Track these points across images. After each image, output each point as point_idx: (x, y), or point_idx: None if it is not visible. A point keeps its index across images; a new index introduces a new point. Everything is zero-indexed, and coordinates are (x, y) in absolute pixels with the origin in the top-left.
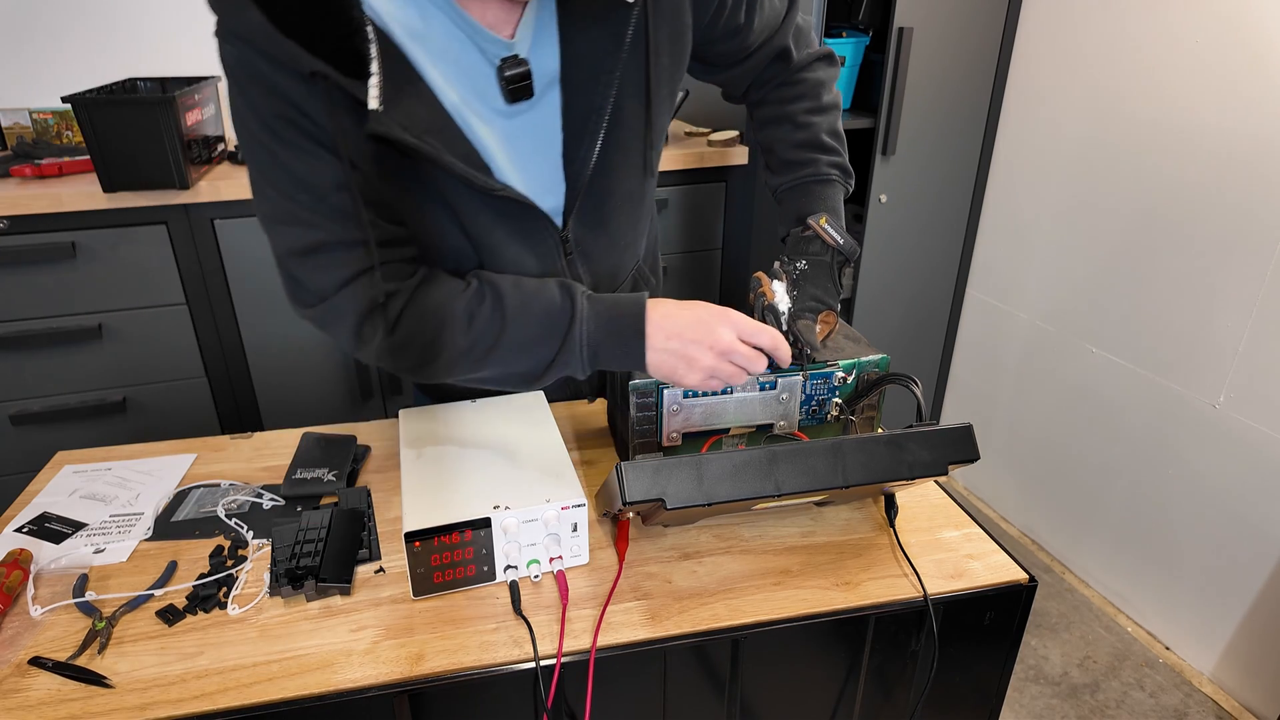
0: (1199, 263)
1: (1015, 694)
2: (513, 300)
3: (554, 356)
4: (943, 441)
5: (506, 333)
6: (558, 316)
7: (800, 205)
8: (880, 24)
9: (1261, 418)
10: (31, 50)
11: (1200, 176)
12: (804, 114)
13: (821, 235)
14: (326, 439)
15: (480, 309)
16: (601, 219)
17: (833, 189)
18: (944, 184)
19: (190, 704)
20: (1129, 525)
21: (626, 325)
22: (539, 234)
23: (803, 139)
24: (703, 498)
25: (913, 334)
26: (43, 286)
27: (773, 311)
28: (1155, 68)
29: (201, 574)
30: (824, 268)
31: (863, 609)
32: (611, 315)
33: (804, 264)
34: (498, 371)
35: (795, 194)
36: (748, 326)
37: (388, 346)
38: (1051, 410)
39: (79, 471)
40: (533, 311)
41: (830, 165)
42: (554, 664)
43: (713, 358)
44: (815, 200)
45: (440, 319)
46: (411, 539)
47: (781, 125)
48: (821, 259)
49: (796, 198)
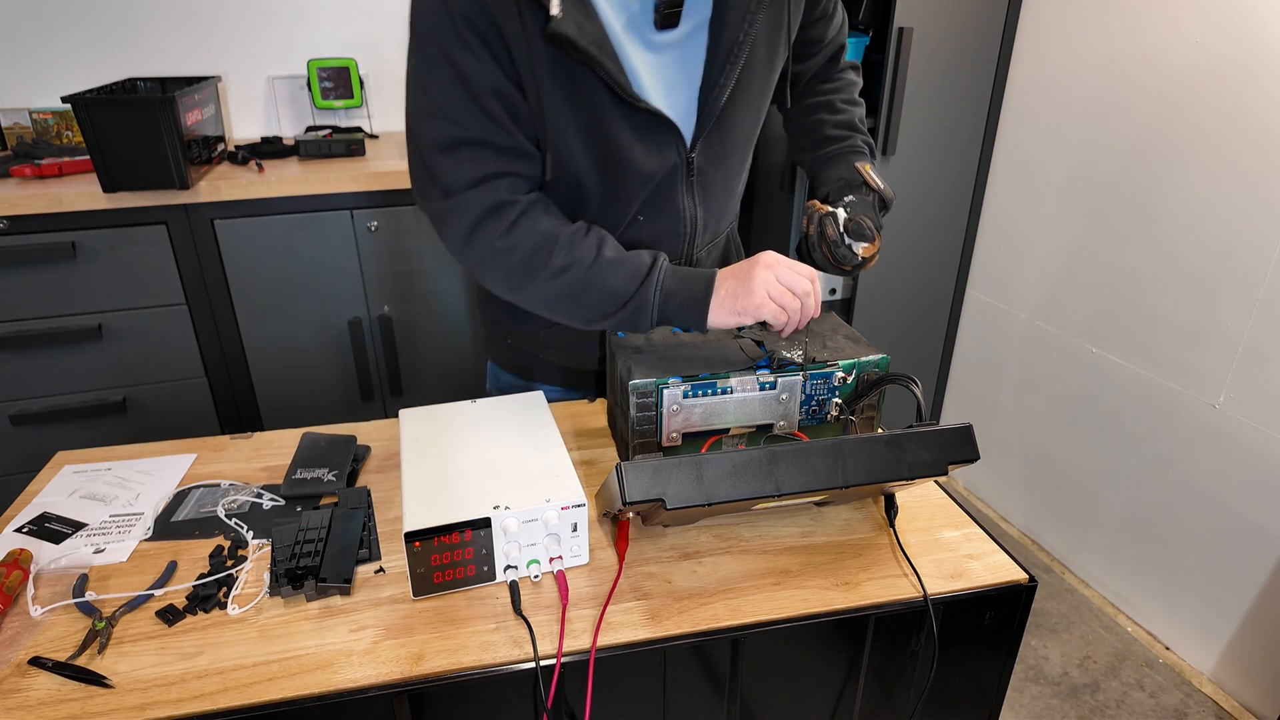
0: (1199, 262)
1: (1015, 694)
2: (610, 244)
3: (631, 294)
4: (943, 441)
5: (600, 263)
6: (642, 266)
7: (841, 167)
8: (880, 24)
9: (1261, 418)
10: (31, 50)
11: (1200, 176)
12: (842, 103)
13: (866, 178)
14: (326, 439)
15: (584, 239)
16: (722, 152)
17: (864, 156)
18: (944, 184)
19: (190, 704)
20: (1129, 525)
21: (698, 277)
22: (669, 152)
23: (841, 120)
24: (703, 498)
25: (913, 334)
26: (42, 286)
27: (831, 216)
28: (1155, 67)
29: (201, 574)
30: (868, 204)
31: (863, 609)
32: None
33: (851, 198)
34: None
35: (836, 160)
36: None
37: (494, 250)
38: (1051, 410)
39: (79, 471)
40: (624, 256)
41: (864, 142)
42: (554, 664)
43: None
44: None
45: (548, 236)
46: (411, 539)
47: (822, 110)
48: (865, 199)
49: (837, 163)
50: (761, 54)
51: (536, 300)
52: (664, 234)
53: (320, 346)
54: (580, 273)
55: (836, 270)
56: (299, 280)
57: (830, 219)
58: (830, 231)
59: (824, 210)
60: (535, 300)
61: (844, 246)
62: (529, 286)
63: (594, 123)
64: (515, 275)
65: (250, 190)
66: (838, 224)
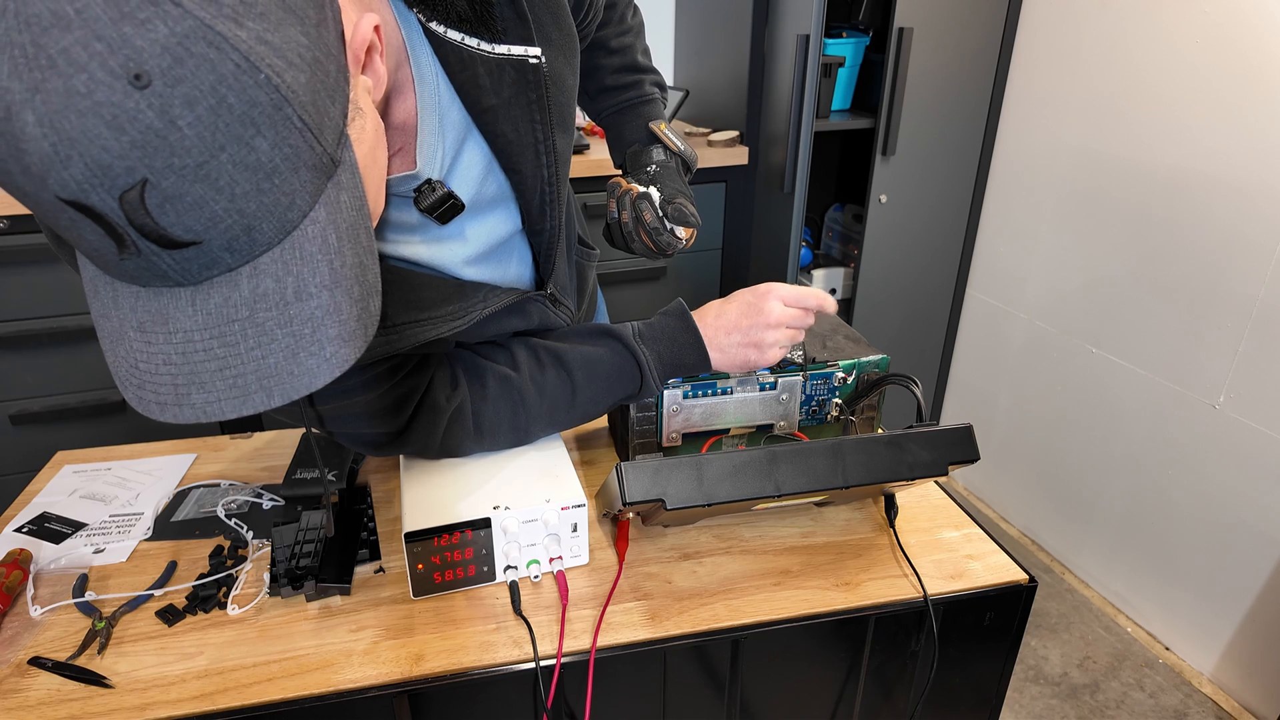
0: (1199, 263)
1: (1015, 694)
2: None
3: (635, 394)
4: (943, 442)
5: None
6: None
7: (632, 126)
8: (880, 24)
9: (1261, 418)
10: None
11: (1200, 176)
12: (615, 38)
13: (664, 139)
14: (327, 439)
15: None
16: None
17: (656, 107)
18: (944, 184)
19: (190, 704)
20: (1129, 525)
21: (687, 345)
22: (533, 308)
23: (620, 64)
24: (703, 498)
25: (913, 334)
26: (43, 286)
27: (646, 199)
28: (1155, 68)
29: (201, 574)
30: (672, 171)
31: (863, 609)
32: (671, 342)
33: (654, 168)
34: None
35: (625, 116)
36: (790, 293)
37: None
38: (1051, 410)
39: (79, 471)
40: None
41: (652, 84)
42: (554, 664)
43: (773, 333)
44: (645, 118)
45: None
46: (411, 539)
47: (596, 53)
48: (668, 165)
49: (627, 119)
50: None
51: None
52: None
53: None
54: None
55: (656, 255)
56: None
57: (645, 202)
58: (648, 217)
59: (635, 191)
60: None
61: (666, 233)
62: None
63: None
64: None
65: None
66: (654, 207)
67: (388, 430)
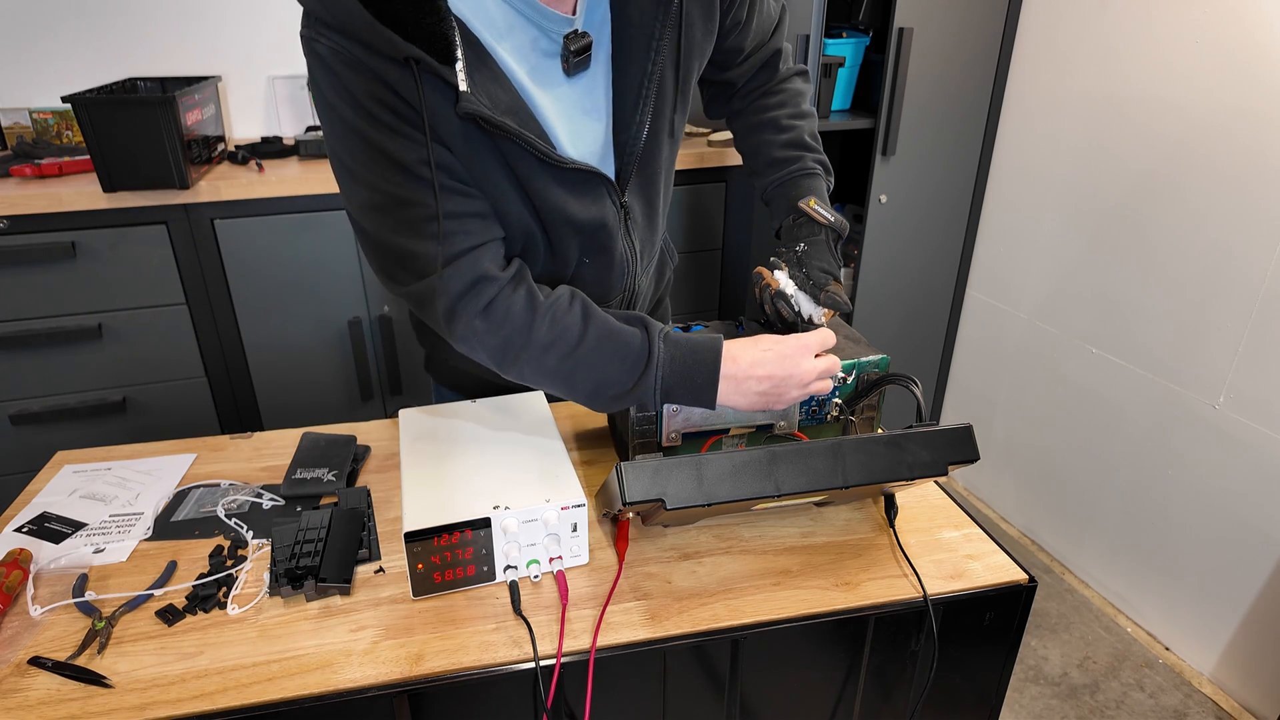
0: (1199, 263)
1: (1015, 694)
2: (595, 323)
3: (629, 388)
4: (943, 442)
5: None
6: (637, 353)
7: (790, 197)
8: (880, 24)
9: (1261, 418)
10: (31, 50)
11: (1200, 176)
12: (787, 119)
13: (811, 215)
14: (326, 439)
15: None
16: (647, 184)
17: (817, 181)
18: (944, 184)
19: (190, 704)
20: (1129, 525)
21: (700, 374)
22: (604, 202)
23: (787, 139)
24: (703, 498)
25: (913, 334)
26: (43, 286)
27: (782, 297)
28: (1155, 68)
29: (201, 574)
30: (821, 245)
31: (862, 609)
32: (687, 361)
33: (802, 246)
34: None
35: (784, 189)
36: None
37: (473, 330)
38: (1051, 410)
39: (79, 471)
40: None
41: (814, 161)
42: (554, 664)
43: (799, 391)
44: (802, 190)
45: (524, 318)
46: (411, 539)
47: (767, 129)
48: (817, 238)
49: (786, 191)
50: (669, 77)
51: (527, 381)
52: (607, 273)
53: (320, 346)
54: (565, 356)
55: None
56: (299, 280)
57: (782, 301)
58: (785, 313)
59: (774, 288)
60: (526, 380)
61: (804, 323)
62: (514, 368)
63: (525, 184)
64: (498, 356)
65: (250, 190)
66: (789, 303)
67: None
